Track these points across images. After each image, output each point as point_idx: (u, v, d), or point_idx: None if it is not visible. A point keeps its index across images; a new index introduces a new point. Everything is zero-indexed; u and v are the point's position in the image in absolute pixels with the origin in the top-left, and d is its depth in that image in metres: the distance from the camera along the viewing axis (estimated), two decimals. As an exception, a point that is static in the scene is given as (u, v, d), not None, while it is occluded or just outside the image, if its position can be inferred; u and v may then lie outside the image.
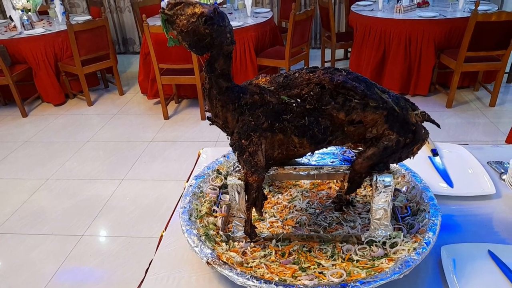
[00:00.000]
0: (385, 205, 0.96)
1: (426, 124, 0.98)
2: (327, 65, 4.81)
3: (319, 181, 1.27)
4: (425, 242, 0.91)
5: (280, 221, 1.10)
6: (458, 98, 3.90)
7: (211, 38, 0.81)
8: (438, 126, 0.99)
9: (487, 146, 1.49)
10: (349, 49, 4.78)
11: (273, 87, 0.94)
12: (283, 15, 5.11)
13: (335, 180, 1.26)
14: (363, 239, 0.99)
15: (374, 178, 0.95)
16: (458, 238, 1.05)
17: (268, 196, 1.21)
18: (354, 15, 4.22)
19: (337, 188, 1.22)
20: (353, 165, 0.97)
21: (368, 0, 4.64)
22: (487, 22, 3.24)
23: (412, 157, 0.98)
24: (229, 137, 0.98)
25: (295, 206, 1.17)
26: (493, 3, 4.52)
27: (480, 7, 3.63)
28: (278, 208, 1.16)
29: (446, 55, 3.67)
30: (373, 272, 0.86)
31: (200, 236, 0.97)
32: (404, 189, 1.17)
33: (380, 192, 0.95)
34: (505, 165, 1.31)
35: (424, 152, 1.44)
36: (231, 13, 4.45)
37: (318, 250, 0.99)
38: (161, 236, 1.11)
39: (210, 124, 1.01)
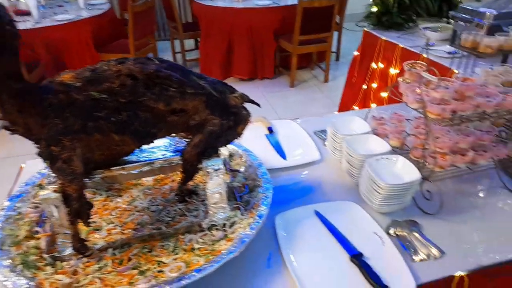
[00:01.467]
0: (219, 188, 0.98)
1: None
2: (178, 56, 4.75)
3: (162, 175, 1.23)
4: (258, 216, 0.96)
5: (119, 226, 1.02)
6: (299, 77, 4.33)
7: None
8: (258, 105, 1.05)
9: (313, 117, 1.68)
10: (199, 39, 4.81)
11: (79, 83, 0.85)
12: (124, 7, 4.80)
13: (178, 172, 1.23)
14: (204, 225, 0.99)
15: (204, 164, 0.95)
16: (293, 204, 1.14)
17: (106, 202, 1.11)
18: (196, 4, 4.24)
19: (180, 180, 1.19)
20: (183, 155, 0.95)
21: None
22: (312, 7, 3.64)
23: (238, 137, 1.02)
24: (37, 146, 0.85)
25: (136, 207, 1.10)
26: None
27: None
28: (117, 213, 1.07)
29: (283, 40, 4.01)
30: (211, 257, 0.87)
31: (15, 266, 0.82)
32: (242, 169, 1.21)
33: (212, 177, 0.96)
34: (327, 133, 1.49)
35: (261, 130, 1.54)
36: (62, 6, 3.98)
37: (159, 248, 0.95)
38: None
39: (10, 134, 0.86)
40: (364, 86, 3.03)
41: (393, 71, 2.64)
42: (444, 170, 1.08)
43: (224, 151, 1.29)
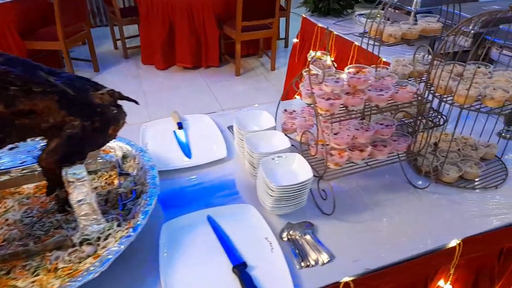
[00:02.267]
0: (87, 198, 0.87)
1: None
2: (118, 43, 4.50)
3: (44, 182, 1.10)
4: (133, 228, 0.87)
5: (-21, 245, 0.89)
6: (246, 65, 4.23)
7: None
8: (136, 102, 0.94)
9: (231, 111, 1.59)
10: (141, 25, 4.56)
11: None
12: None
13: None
14: (75, 240, 0.88)
15: (64, 173, 0.84)
16: (188, 209, 1.05)
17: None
18: (135, -12, 4.00)
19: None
20: (39, 162, 0.84)
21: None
22: (254, -8, 3.53)
23: (111, 139, 0.91)
24: None
25: (7, 220, 0.98)
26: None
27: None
28: (-20, 229, 0.94)
29: (227, 26, 3.87)
30: (67, 279, 0.77)
31: None
32: (134, 172, 1.11)
33: (75, 187, 0.85)
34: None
35: (171, 126, 1.43)
36: (-19, -12, 3.61)
37: (20, 269, 0.84)
38: None
39: None
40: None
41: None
42: (341, 168, 1.03)
43: (118, 151, 1.18)
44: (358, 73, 0.99)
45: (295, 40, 3.03)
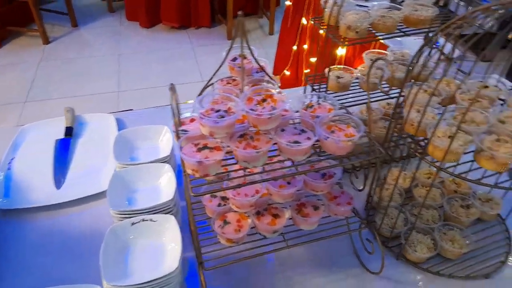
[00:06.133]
0: None
1: None
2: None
3: None
4: None
5: None
6: (242, 27, 3.72)
7: None
8: None
9: (149, 109, 1.20)
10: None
11: None
12: None
13: None
14: None
15: None
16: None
17: None
18: None
19: None
20: None
21: None
22: None
23: None
24: None
25: None
26: None
27: None
28: None
29: (219, -20, 3.34)
30: None
31: None
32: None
33: None
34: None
35: (58, 131, 1.06)
36: None
37: None
38: None
39: None
40: (294, 47, 2.50)
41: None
42: (238, 245, 0.65)
43: None
44: (266, 102, 0.58)
45: (288, 2, 2.51)
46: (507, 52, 1.01)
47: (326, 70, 0.90)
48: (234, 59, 0.78)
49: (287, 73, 2.67)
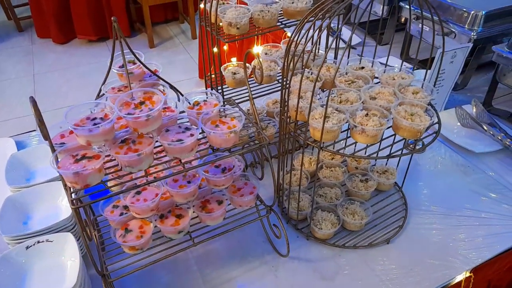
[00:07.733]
0: None
1: None
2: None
3: None
4: None
5: None
6: (164, 34, 3.66)
7: None
8: None
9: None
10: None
11: None
12: None
13: None
14: None
15: None
16: None
17: None
18: None
19: None
20: None
21: None
22: None
23: None
24: None
25: None
26: None
27: None
28: None
29: (132, -12, 3.26)
30: None
31: None
32: None
33: None
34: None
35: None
36: None
37: None
38: None
39: None
40: (215, 49, 2.50)
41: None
42: (142, 251, 0.65)
43: None
44: (144, 104, 0.58)
45: (202, 5, 2.51)
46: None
47: (222, 68, 0.92)
48: (122, 66, 0.77)
49: (213, 76, 2.68)
